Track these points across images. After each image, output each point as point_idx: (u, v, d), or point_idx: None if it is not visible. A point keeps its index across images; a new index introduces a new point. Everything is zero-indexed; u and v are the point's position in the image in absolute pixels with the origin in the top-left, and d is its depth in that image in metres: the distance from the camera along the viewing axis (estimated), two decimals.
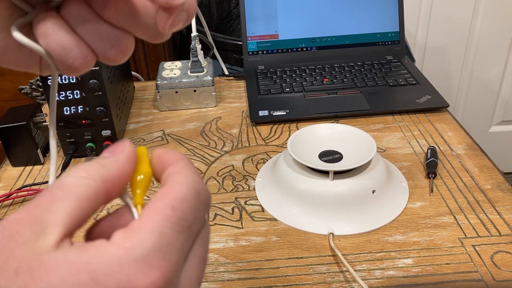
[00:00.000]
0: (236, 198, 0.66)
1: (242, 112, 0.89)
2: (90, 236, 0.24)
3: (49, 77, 0.70)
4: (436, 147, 0.74)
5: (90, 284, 0.19)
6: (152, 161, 0.26)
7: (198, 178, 0.24)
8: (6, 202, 0.67)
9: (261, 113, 0.85)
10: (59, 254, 0.19)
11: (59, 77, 0.70)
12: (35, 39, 0.27)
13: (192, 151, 0.77)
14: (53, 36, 0.26)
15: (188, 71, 0.90)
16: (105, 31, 0.27)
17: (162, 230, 0.21)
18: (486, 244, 0.55)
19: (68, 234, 0.21)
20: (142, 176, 0.25)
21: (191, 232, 0.23)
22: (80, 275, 0.19)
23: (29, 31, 0.27)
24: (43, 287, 0.18)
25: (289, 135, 0.77)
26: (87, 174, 0.22)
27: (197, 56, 0.90)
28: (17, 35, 0.27)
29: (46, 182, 0.70)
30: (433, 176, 0.66)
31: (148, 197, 0.67)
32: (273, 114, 0.85)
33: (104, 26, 0.27)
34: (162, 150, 0.26)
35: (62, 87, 0.71)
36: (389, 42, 1.05)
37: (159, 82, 0.88)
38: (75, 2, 0.27)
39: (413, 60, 1.18)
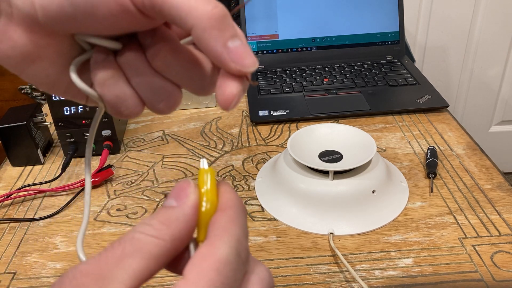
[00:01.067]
0: None
1: (242, 112, 0.89)
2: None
3: None
4: (436, 147, 0.74)
5: None
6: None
7: (242, 236, 0.24)
8: (6, 202, 0.67)
9: (261, 113, 0.85)
10: None
11: None
12: (89, 79, 0.29)
13: (192, 151, 0.77)
14: (109, 86, 0.28)
15: None
16: (157, 85, 0.28)
17: None
18: (486, 244, 0.55)
19: None
20: (208, 207, 0.25)
21: None
22: None
23: (84, 68, 0.29)
24: None
25: (289, 135, 0.77)
26: (158, 234, 0.22)
27: None
28: (75, 79, 0.28)
29: (46, 182, 0.70)
30: (433, 176, 0.66)
31: (149, 197, 0.67)
32: (273, 114, 0.85)
33: (157, 80, 0.28)
34: (225, 187, 0.26)
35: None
36: (389, 42, 1.05)
37: None
38: (131, 49, 0.28)
39: (413, 60, 1.18)
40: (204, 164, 0.26)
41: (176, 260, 0.25)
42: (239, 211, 0.25)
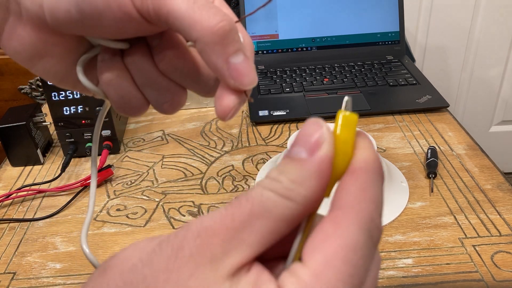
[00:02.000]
0: (236, 198, 0.65)
1: (242, 112, 0.89)
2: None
3: None
4: (436, 147, 0.74)
5: None
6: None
7: (376, 212, 0.20)
8: (6, 202, 0.67)
9: (261, 113, 0.85)
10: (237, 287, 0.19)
11: None
12: (96, 75, 0.29)
13: (192, 151, 0.77)
14: (115, 86, 0.29)
15: None
16: (162, 86, 0.29)
17: None
18: (486, 244, 0.55)
19: (254, 256, 0.20)
20: (342, 161, 0.20)
21: (362, 285, 0.19)
22: None
23: (92, 63, 0.29)
24: None
25: (289, 135, 0.77)
26: (289, 194, 0.19)
27: None
28: (81, 77, 0.29)
29: (46, 182, 0.70)
30: (433, 176, 0.66)
31: (148, 197, 0.67)
32: (273, 114, 0.84)
33: (162, 81, 0.29)
34: (360, 139, 0.21)
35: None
36: (389, 42, 1.05)
37: None
38: (138, 49, 0.28)
39: (413, 60, 1.18)
40: (347, 105, 0.22)
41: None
42: (376, 176, 0.20)
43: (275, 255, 0.22)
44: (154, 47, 0.28)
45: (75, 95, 0.71)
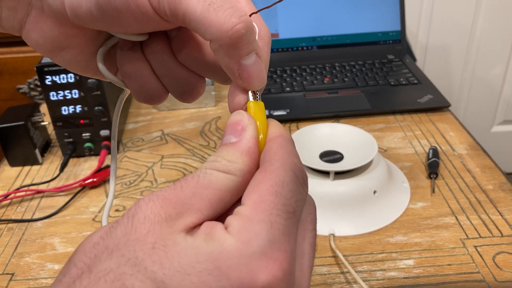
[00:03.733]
0: None
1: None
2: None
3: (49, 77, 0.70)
4: (438, 147, 0.73)
5: (215, 272, 0.20)
6: None
7: (294, 159, 0.24)
8: (4, 203, 0.67)
9: None
10: (190, 239, 0.21)
11: (58, 76, 0.69)
12: (115, 63, 0.30)
13: (191, 151, 0.77)
14: (135, 77, 0.29)
15: None
16: (181, 76, 0.30)
17: (272, 218, 0.21)
18: (488, 245, 0.55)
19: (204, 220, 0.22)
20: (261, 137, 0.25)
21: (296, 216, 0.23)
22: (206, 263, 0.20)
23: (112, 52, 0.30)
24: (175, 267, 0.20)
25: None
26: (229, 169, 0.23)
27: None
28: (102, 69, 0.30)
29: (44, 182, 0.70)
30: (434, 176, 0.66)
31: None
32: (274, 114, 0.84)
33: (181, 72, 0.30)
34: (269, 120, 0.26)
35: (60, 87, 0.70)
36: (390, 41, 1.04)
37: None
38: (157, 41, 0.29)
39: (414, 59, 1.17)
40: (251, 96, 0.27)
41: None
42: (287, 138, 0.25)
43: None
44: (173, 38, 0.29)
45: (73, 95, 0.71)
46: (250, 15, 0.27)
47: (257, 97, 0.27)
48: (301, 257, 0.23)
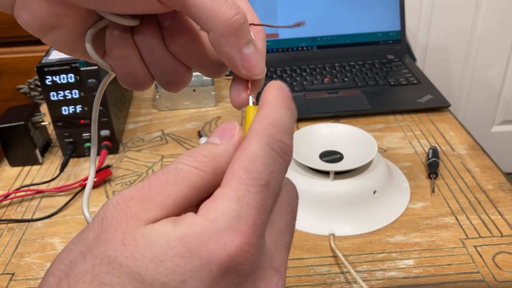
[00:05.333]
0: None
1: (242, 112, 0.89)
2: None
3: (49, 77, 0.70)
4: (438, 147, 0.73)
5: (186, 255, 0.20)
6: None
7: (272, 129, 0.23)
8: (4, 202, 0.67)
9: None
10: (158, 227, 0.21)
11: (58, 76, 0.69)
12: (103, 46, 0.30)
13: None
14: (123, 62, 0.29)
15: None
16: (170, 66, 0.30)
17: (239, 194, 0.21)
18: (487, 245, 0.55)
19: (169, 216, 0.22)
20: None
21: (270, 188, 0.22)
22: (177, 247, 0.20)
23: (101, 34, 0.30)
24: (148, 258, 0.20)
25: None
26: (200, 165, 0.23)
27: None
28: (90, 51, 0.29)
29: (44, 182, 0.70)
30: (434, 176, 0.66)
31: None
32: None
33: (170, 61, 0.29)
34: (269, 84, 0.25)
35: (60, 87, 0.70)
36: (390, 41, 1.04)
37: None
38: (148, 27, 0.29)
39: (414, 59, 1.17)
40: (251, 101, 0.28)
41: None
42: (278, 107, 0.24)
43: None
44: (166, 28, 0.29)
45: (73, 95, 0.71)
46: (251, 24, 0.28)
47: (254, 101, 0.28)
48: (277, 233, 0.23)
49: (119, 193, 0.22)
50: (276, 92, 0.24)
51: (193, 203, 0.23)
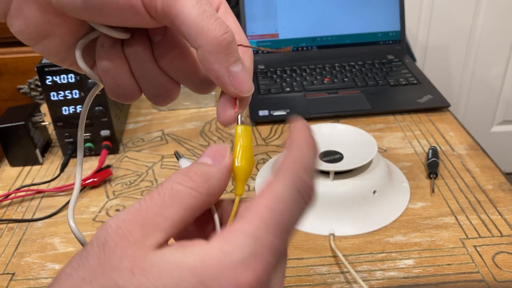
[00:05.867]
0: None
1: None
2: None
3: (49, 77, 0.70)
4: (438, 147, 0.73)
5: (199, 286, 0.20)
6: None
7: (303, 174, 0.24)
8: (4, 202, 0.67)
9: (261, 113, 0.85)
10: (168, 255, 0.21)
11: (58, 76, 0.70)
12: (93, 57, 0.30)
13: (191, 151, 0.77)
14: (112, 74, 0.29)
15: None
16: (158, 80, 0.30)
17: (258, 233, 0.21)
18: (487, 245, 0.55)
19: (168, 239, 0.22)
20: (242, 163, 0.26)
21: (288, 232, 0.23)
22: (190, 279, 0.20)
23: (90, 46, 0.30)
24: None
25: None
26: (195, 186, 0.23)
27: None
28: (80, 62, 0.29)
29: (45, 182, 0.70)
30: (434, 176, 0.66)
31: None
32: (273, 114, 0.84)
33: (159, 76, 0.30)
34: (295, 124, 0.26)
35: (61, 87, 0.70)
36: (390, 42, 1.04)
37: None
38: (139, 41, 0.29)
39: (414, 59, 1.18)
40: (240, 120, 0.28)
41: (204, 223, 0.27)
42: (306, 148, 0.25)
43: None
44: (156, 43, 0.29)
45: (74, 95, 0.71)
46: (239, 45, 0.28)
47: (243, 120, 0.28)
48: (279, 274, 0.24)
49: (117, 215, 0.22)
50: (305, 135, 0.25)
51: (189, 223, 0.23)
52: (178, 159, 0.30)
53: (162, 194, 0.23)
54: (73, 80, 0.70)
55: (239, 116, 0.28)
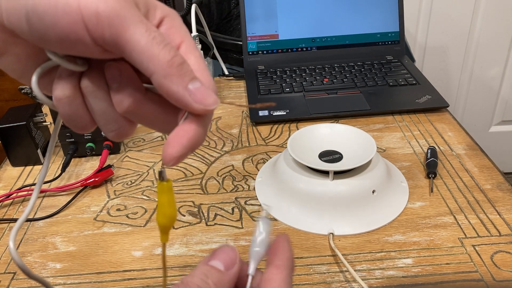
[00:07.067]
0: (236, 198, 0.65)
1: (242, 112, 0.89)
2: None
3: None
4: (436, 147, 0.74)
5: None
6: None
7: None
8: (6, 202, 0.67)
9: (261, 113, 0.85)
10: None
11: None
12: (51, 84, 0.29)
13: None
14: (64, 104, 0.29)
15: None
16: (112, 117, 0.29)
17: None
18: (486, 244, 0.55)
19: None
20: (161, 221, 0.29)
21: None
22: None
23: (53, 73, 0.29)
24: None
25: (289, 135, 0.77)
26: None
27: None
28: (35, 88, 0.28)
29: (46, 182, 0.70)
30: (433, 176, 0.66)
31: (148, 197, 0.67)
32: (273, 114, 0.85)
33: (113, 113, 0.29)
34: (284, 243, 0.31)
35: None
36: (389, 42, 1.05)
37: None
38: (96, 75, 0.28)
39: (413, 60, 1.18)
40: (162, 175, 0.29)
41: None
42: (291, 272, 0.30)
43: None
44: (113, 90, 0.28)
45: None
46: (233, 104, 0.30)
47: (163, 177, 0.28)
48: None
49: None
50: (289, 252, 0.30)
51: None
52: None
53: None
54: None
55: (162, 171, 0.28)
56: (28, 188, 0.69)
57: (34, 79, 0.28)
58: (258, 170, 0.71)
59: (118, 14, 0.24)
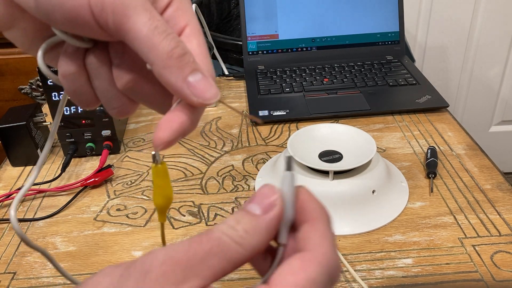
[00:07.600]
0: (236, 198, 0.66)
1: (243, 112, 0.89)
2: None
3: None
4: (436, 147, 0.74)
5: None
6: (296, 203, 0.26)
7: (333, 252, 0.24)
8: (6, 202, 0.67)
9: (261, 113, 0.85)
10: None
11: None
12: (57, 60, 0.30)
13: (192, 151, 0.77)
14: (70, 79, 0.29)
15: None
16: (114, 94, 0.30)
17: None
18: (486, 244, 0.55)
19: (205, 287, 0.22)
20: (159, 202, 0.30)
21: None
22: None
23: (59, 48, 0.30)
24: None
25: (289, 135, 0.77)
26: (242, 242, 0.23)
27: None
28: (40, 63, 0.29)
29: (46, 182, 0.70)
30: (433, 176, 0.66)
31: (148, 197, 0.67)
32: (273, 114, 0.85)
33: (115, 91, 0.29)
34: (307, 195, 0.27)
35: (62, 87, 0.71)
36: (389, 42, 1.05)
37: None
38: (100, 53, 0.29)
39: (413, 60, 1.18)
40: (156, 157, 0.29)
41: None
42: (328, 222, 0.26)
43: None
44: (115, 65, 0.29)
45: None
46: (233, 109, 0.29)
47: (157, 160, 0.28)
48: None
49: (166, 249, 0.22)
50: (318, 202, 0.27)
51: (227, 274, 0.23)
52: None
53: (210, 242, 0.23)
54: None
55: (155, 154, 0.28)
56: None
57: (39, 54, 0.29)
58: (258, 170, 0.71)
59: (123, 1, 0.25)
